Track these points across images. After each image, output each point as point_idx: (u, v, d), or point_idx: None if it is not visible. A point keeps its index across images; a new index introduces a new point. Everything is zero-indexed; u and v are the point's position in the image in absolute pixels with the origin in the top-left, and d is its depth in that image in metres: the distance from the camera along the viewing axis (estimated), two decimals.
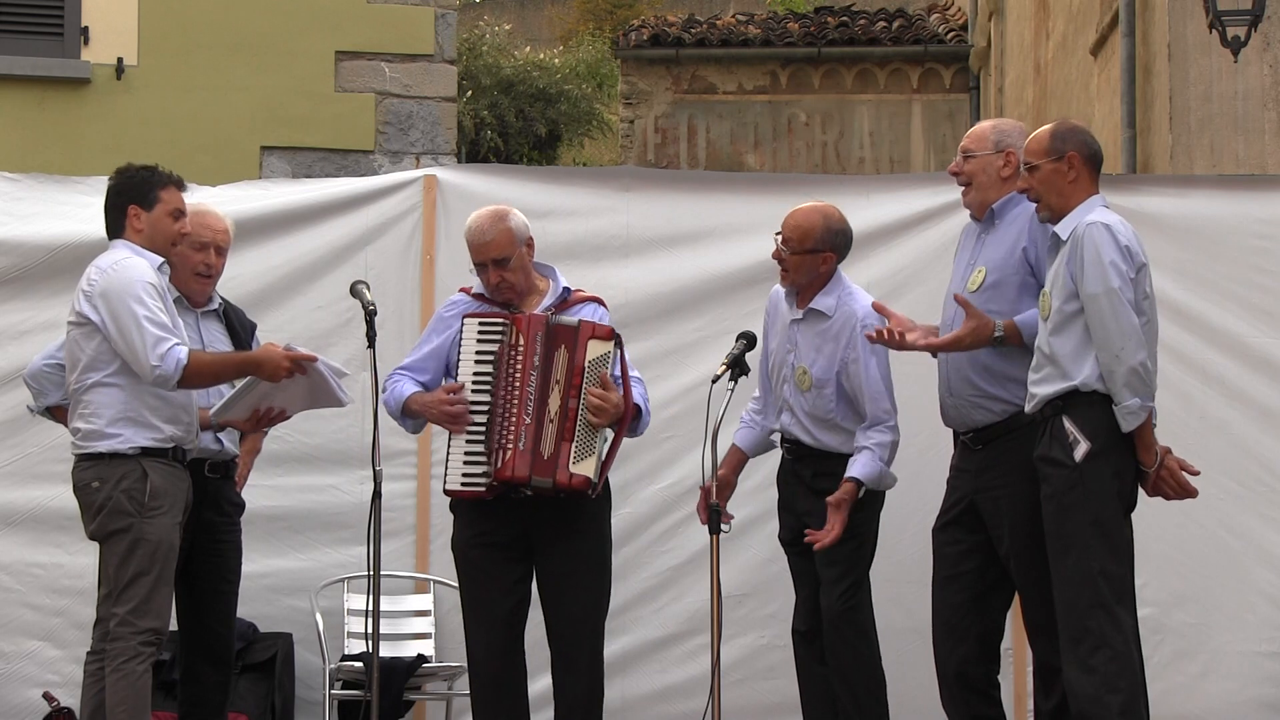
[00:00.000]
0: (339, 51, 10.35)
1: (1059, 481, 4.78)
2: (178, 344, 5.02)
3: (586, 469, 5.12)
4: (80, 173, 6.88)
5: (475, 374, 5.21)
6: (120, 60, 10.07)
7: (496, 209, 5.42)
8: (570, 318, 5.25)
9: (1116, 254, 4.76)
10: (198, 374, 5.07)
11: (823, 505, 5.38)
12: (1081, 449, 4.74)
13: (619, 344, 5.23)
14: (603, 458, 5.18)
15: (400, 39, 10.45)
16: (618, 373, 5.23)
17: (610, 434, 5.21)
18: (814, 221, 5.51)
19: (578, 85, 21.60)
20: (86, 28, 10.07)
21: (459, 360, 5.27)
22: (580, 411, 5.12)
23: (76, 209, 6.43)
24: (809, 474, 5.48)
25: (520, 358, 5.17)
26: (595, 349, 5.17)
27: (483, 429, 5.17)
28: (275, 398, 5.26)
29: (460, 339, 5.28)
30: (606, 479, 5.27)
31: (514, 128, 19.96)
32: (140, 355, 5.01)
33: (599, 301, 5.46)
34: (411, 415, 5.35)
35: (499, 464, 5.13)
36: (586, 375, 5.14)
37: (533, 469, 5.11)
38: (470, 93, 18.94)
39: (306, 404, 5.42)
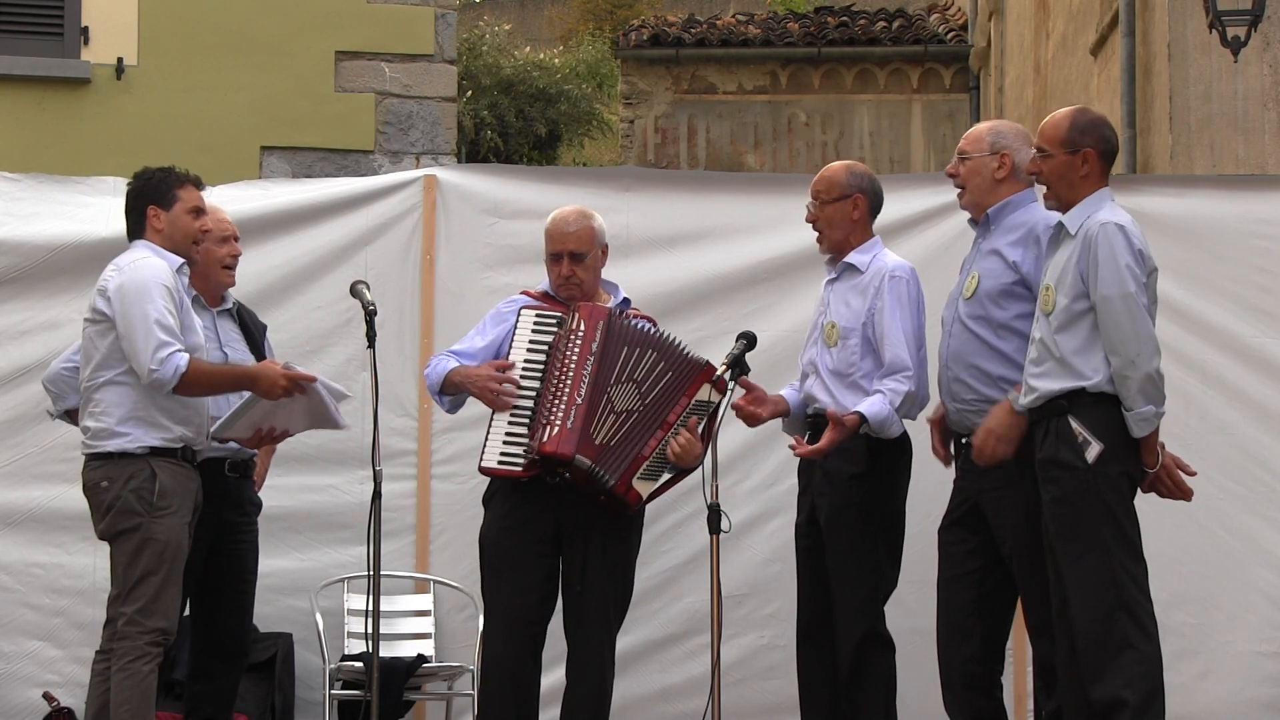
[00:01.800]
0: (339, 51, 10.36)
1: (1070, 484, 4.72)
2: (179, 350, 5.02)
3: (644, 489, 5.22)
4: (80, 173, 6.88)
5: (526, 361, 5.25)
6: (120, 60, 10.07)
7: (583, 208, 5.51)
8: (698, 355, 5.33)
9: (1132, 258, 4.71)
10: (195, 383, 5.07)
11: (828, 483, 5.36)
12: (1094, 451, 4.68)
13: (722, 400, 5.31)
14: (658, 486, 5.28)
15: (400, 39, 10.45)
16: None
17: (671, 473, 5.31)
18: (837, 171, 5.60)
19: (578, 85, 21.61)
20: (86, 28, 10.08)
21: (510, 349, 5.29)
22: (666, 440, 5.20)
23: (76, 209, 6.43)
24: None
25: (579, 342, 5.19)
26: (705, 393, 5.28)
27: (528, 412, 5.19)
28: (276, 417, 5.27)
29: (515, 329, 5.31)
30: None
31: (514, 128, 19.97)
32: (141, 356, 5.02)
33: (652, 322, 5.50)
34: (451, 391, 5.36)
35: (544, 438, 5.13)
36: (687, 411, 5.23)
37: (578, 447, 5.11)
38: (470, 93, 18.94)
39: (307, 425, 5.43)
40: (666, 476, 5.32)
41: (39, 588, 6.27)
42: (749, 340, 5.43)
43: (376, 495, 5.20)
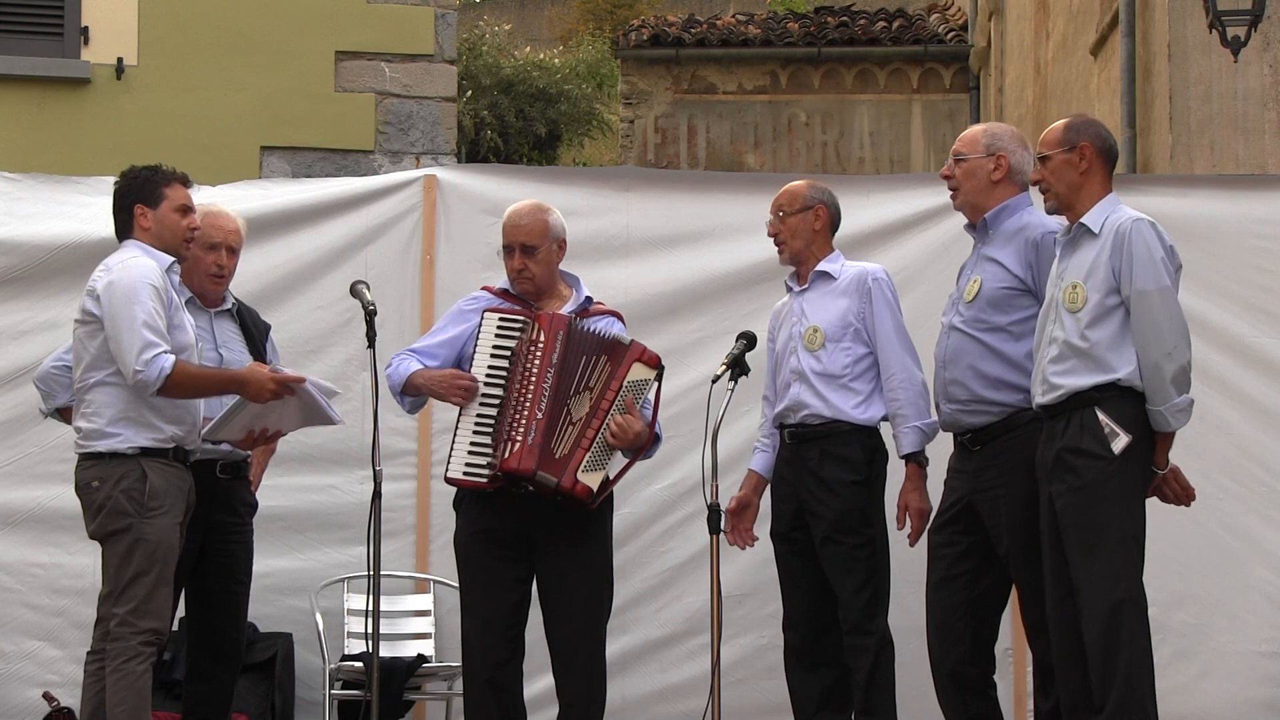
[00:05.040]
0: (339, 51, 10.35)
1: (1092, 474, 4.72)
2: (165, 352, 5.01)
3: (592, 480, 5.13)
4: (80, 173, 6.88)
5: (490, 368, 5.21)
6: (120, 60, 10.07)
7: (540, 202, 5.49)
8: (623, 334, 5.30)
9: (1165, 252, 4.80)
10: (179, 385, 5.04)
11: (826, 491, 5.38)
12: (1121, 441, 4.70)
13: (660, 376, 5.27)
14: (610, 476, 5.20)
15: (400, 39, 10.45)
16: (649, 397, 5.27)
17: (625, 458, 5.24)
18: (799, 185, 5.71)
19: (578, 85, 21.60)
20: (86, 28, 10.07)
21: (474, 353, 5.26)
22: (604, 427, 5.15)
23: (76, 209, 6.43)
24: (815, 455, 5.44)
25: (539, 354, 5.16)
26: (638, 372, 5.22)
27: (492, 421, 5.17)
28: (268, 418, 5.25)
29: (479, 332, 5.28)
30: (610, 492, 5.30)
31: (514, 128, 19.96)
32: (126, 356, 5.01)
33: (618, 316, 5.48)
34: (412, 393, 5.34)
35: (505, 454, 5.11)
36: (621, 394, 5.17)
37: (539, 463, 5.10)
38: (470, 93, 18.94)
39: (300, 423, 5.40)
40: (621, 462, 5.24)
41: (39, 588, 6.28)
42: (749, 340, 5.44)
43: (376, 495, 5.20)
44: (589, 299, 5.45)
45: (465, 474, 5.18)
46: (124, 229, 5.29)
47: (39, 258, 6.34)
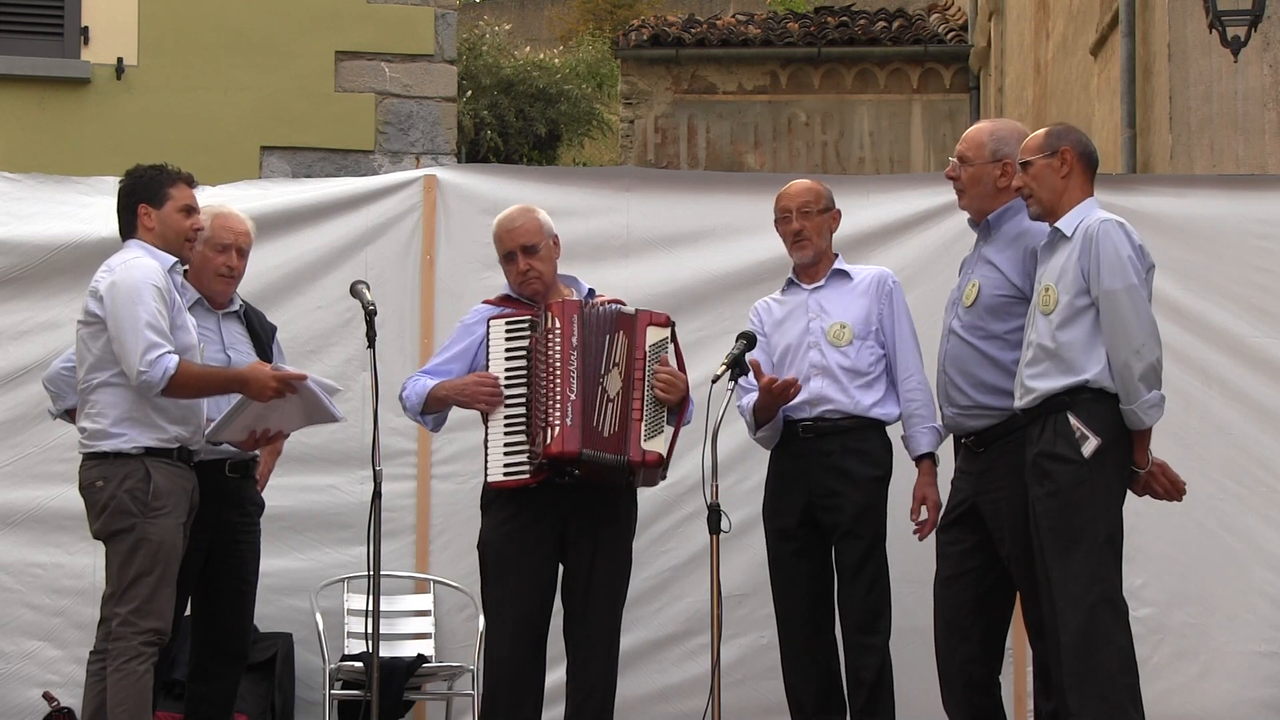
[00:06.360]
0: (339, 51, 10.36)
1: (1066, 477, 4.75)
2: (169, 352, 5.01)
3: (659, 446, 5.18)
4: (80, 173, 6.88)
5: (508, 370, 5.23)
6: (120, 60, 10.07)
7: (524, 205, 5.53)
8: (628, 307, 5.34)
9: (1133, 251, 4.80)
10: (183, 385, 5.05)
11: (849, 484, 5.42)
12: (1091, 445, 4.73)
13: (673, 333, 5.31)
14: (670, 439, 5.24)
15: (400, 39, 10.45)
16: (670, 355, 5.33)
17: (669, 426, 5.27)
18: (817, 185, 5.77)
19: (578, 85, 21.59)
20: (86, 28, 10.07)
21: (488, 363, 5.27)
22: (647, 392, 5.19)
23: (76, 209, 6.43)
24: (835, 448, 5.48)
25: (558, 340, 5.18)
26: (654, 334, 5.27)
27: (521, 419, 5.18)
28: (270, 418, 5.25)
29: (487, 341, 5.29)
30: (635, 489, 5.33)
31: (514, 128, 19.96)
32: (130, 357, 5.01)
33: (621, 305, 5.48)
34: (435, 408, 5.37)
35: (548, 440, 5.11)
36: (648, 359, 5.21)
37: (584, 442, 5.11)
38: (470, 93, 18.93)
39: (302, 422, 5.40)
40: (669, 427, 5.27)
41: (39, 588, 6.28)
42: (749, 340, 5.44)
43: (376, 495, 5.19)
44: (591, 291, 5.51)
45: (506, 474, 5.19)
46: (128, 228, 5.29)
47: (39, 258, 6.34)
